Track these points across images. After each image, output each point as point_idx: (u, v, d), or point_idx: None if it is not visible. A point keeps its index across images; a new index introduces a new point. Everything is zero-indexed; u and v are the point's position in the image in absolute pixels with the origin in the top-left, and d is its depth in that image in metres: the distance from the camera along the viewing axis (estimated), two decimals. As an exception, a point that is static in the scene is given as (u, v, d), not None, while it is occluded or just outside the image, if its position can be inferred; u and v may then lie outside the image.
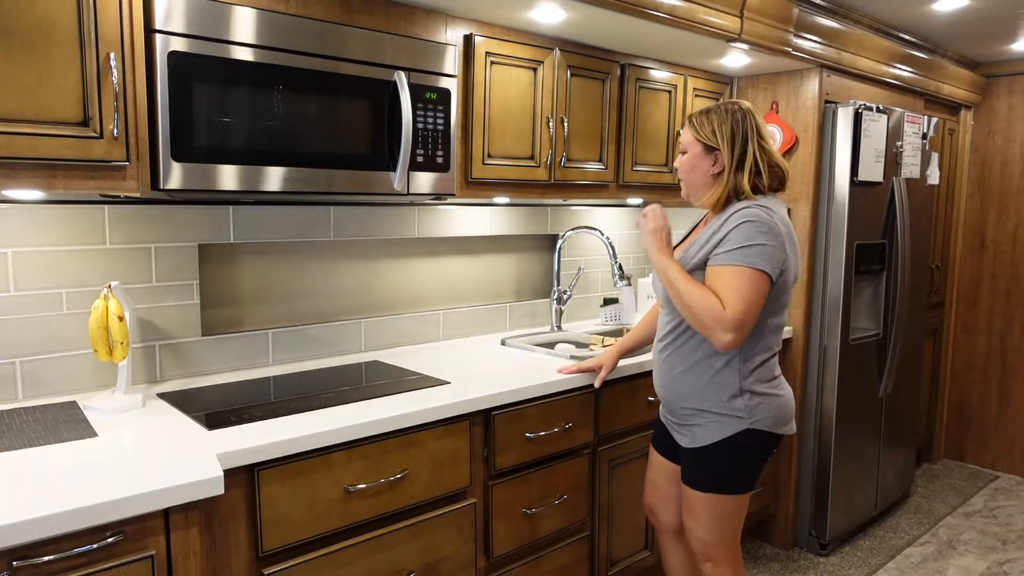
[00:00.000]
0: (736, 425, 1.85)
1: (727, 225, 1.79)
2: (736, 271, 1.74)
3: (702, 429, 1.89)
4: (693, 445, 1.91)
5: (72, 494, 1.27)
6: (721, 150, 1.85)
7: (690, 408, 1.91)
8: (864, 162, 3.01)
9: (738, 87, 3.25)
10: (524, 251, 3.00)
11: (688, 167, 1.92)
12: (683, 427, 1.94)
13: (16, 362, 1.83)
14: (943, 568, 3.05)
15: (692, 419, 1.91)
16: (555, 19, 2.30)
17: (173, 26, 1.61)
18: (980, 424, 4.23)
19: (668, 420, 2.02)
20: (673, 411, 1.97)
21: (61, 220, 1.87)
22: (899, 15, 3.11)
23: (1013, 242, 4.05)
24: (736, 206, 1.82)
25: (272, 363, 2.28)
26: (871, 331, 3.25)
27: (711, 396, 1.86)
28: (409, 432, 1.81)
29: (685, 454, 1.95)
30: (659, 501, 2.15)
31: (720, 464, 1.88)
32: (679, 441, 1.97)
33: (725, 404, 1.85)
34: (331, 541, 1.70)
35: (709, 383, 1.87)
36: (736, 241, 1.75)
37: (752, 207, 1.80)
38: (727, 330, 1.73)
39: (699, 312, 1.75)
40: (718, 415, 1.86)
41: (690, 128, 1.91)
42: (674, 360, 1.93)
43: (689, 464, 1.94)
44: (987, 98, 4.12)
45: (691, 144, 1.91)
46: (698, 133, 1.89)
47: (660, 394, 2.02)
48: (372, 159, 1.96)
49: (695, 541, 1.96)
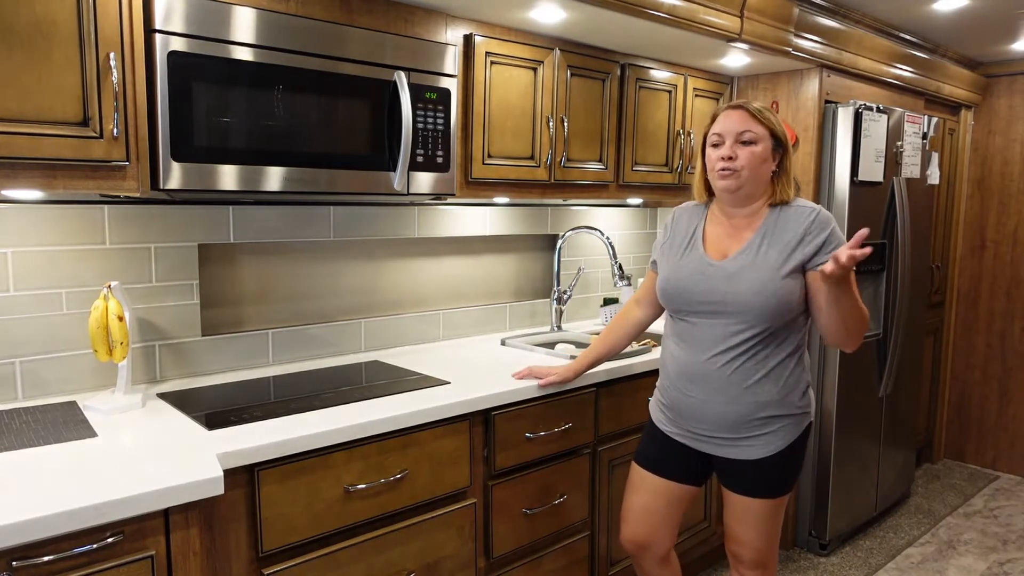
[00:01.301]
0: (804, 421, 1.83)
1: (817, 227, 1.77)
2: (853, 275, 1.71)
3: (775, 435, 1.79)
4: (767, 454, 1.79)
5: (72, 494, 1.27)
6: (788, 148, 1.84)
7: (764, 417, 1.78)
8: (864, 162, 3.01)
9: (738, 87, 3.25)
10: (524, 251, 3.00)
11: (760, 159, 1.79)
12: (749, 439, 1.80)
13: (16, 362, 1.83)
14: (943, 568, 3.05)
15: (764, 428, 1.79)
16: (555, 19, 2.30)
17: (173, 26, 1.61)
18: (980, 424, 4.23)
19: (711, 438, 1.84)
20: (735, 426, 1.80)
21: (61, 220, 1.87)
22: (899, 15, 3.11)
23: (1013, 242, 4.05)
24: (805, 206, 1.82)
25: (272, 363, 2.28)
26: (871, 331, 3.25)
27: (788, 398, 1.80)
28: (409, 432, 1.81)
29: (743, 466, 1.82)
30: (654, 532, 1.96)
31: (787, 466, 1.82)
32: (738, 455, 1.81)
33: (798, 403, 1.81)
34: (331, 541, 1.70)
35: (785, 385, 1.79)
36: (840, 244, 1.75)
37: (821, 208, 1.82)
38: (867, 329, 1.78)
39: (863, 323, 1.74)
40: (792, 416, 1.80)
41: (759, 119, 1.79)
42: (748, 370, 1.77)
43: (752, 475, 1.82)
44: (987, 98, 4.12)
45: (765, 137, 1.79)
46: (774, 126, 1.81)
47: (716, 412, 1.81)
48: (372, 159, 1.96)
49: (749, 551, 1.87)
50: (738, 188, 1.80)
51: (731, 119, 1.81)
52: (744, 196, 1.82)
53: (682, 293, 1.84)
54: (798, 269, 1.75)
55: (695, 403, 1.83)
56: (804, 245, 1.76)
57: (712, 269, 1.81)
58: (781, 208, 1.83)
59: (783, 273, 1.74)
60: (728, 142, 1.80)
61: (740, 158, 1.78)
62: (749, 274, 1.76)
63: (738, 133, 1.79)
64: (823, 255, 1.74)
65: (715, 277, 1.79)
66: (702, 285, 1.80)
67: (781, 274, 1.74)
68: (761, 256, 1.77)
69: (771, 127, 1.80)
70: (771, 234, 1.79)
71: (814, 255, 1.75)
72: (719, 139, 1.82)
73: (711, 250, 1.85)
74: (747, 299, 1.74)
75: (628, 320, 2.12)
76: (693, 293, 1.82)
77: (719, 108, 1.88)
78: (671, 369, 1.90)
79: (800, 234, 1.77)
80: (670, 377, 1.90)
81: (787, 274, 1.74)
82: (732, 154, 1.79)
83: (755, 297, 1.73)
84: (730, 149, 1.79)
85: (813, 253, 1.75)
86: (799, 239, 1.76)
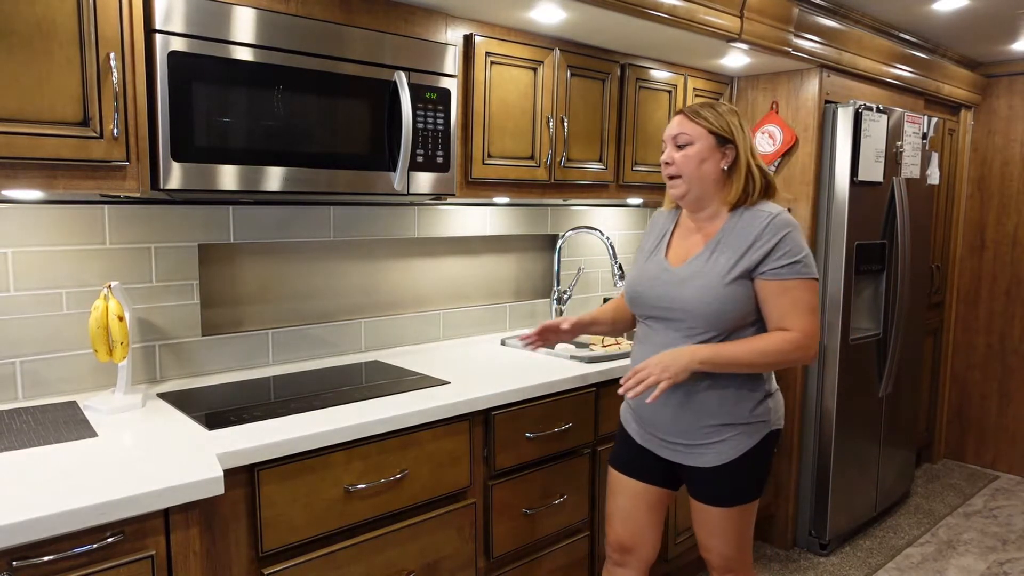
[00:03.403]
0: (762, 430, 1.79)
1: (769, 233, 1.70)
2: (802, 285, 1.70)
3: (727, 444, 1.76)
4: (719, 462, 1.77)
5: (72, 494, 1.27)
6: (737, 142, 1.76)
7: (714, 425, 1.76)
8: (864, 162, 3.01)
9: (738, 87, 3.25)
10: (524, 251, 3.00)
11: (696, 161, 1.75)
12: (701, 446, 1.78)
13: (16, 362, 1.83)
14: (943, 568, 3.05)
15: (715, 436, 1.77)
16: (555, 19, 2.30)
17: (173, 26, 1.61)
18: (980, 424, 4.23)
19: (669, 443, 1.83)
20: (686, 432, 1.79)
21: (61, 220, 1.87)
22: (899, 15, 3.11)
23: (1013, 242, 4.05)
24: (765, 210, 1.74)
25: (272, 363, 2.28)
26: (871, 331, 3.25)
27: (738, 408, 1.76)
28: (409, 432, 1.81)
29: (702, 474, 1.80)
30: (638, 535, 1.92)
31: (746, 474, 1.79)
32: (694, 463, 1.80)
33: (752, 412, 1.77)
34: (331, 541, 1.70)
35: (736, 393, 1.76)
36: (793, 252, 1.69)
37: (783, 212, 1.74)
38: (811, 348, 1.71)
39: (783, 358, 1.70)
40: (745, 425, 1.76)
41: (695, 120, 1.76)
42: (697, 377, 1.74)
43: (709, 483, 1.80)
44: (987, 98, 4.12)
45: (701, 136, 1.75)
46: (711, 123, 1.75)
47: (664, 418, 1.81)
48: (372, 159, 1.96)
49: (717, 559, 1.86)
50: (684, 193, 1.79)
51: (670, 124, 1.82)
52: (695, 200, 1.80)
53: (639, 297, 1.85)
54: (745, 276, 1.71)
55: (652, 407, 1.83)
56: (752, 252, 1.71)
57: (667, 274, 1.81)
58: (743, 211, 1.77)
59: (728, 280, 1.71)
60: (667, 148, 1.81)
61: (676, 162, 1.78)
62: (696, 280, 1.74)
63: (673, 137, 1.79)
64: (770, 262, 1.69)
65: (668, 282, 1.79)
66: (656, 290, 1.81)
67: (726, 281, 1.71)
68: (711, 262, 1.74)
69: (707, 126, 1.75)
70: (726, 239, 1.75)
71: (760, 262, 1.70)
72: (663, 145, 1.83)
73: (673, 255, 1.85)
74: (692, 305, 1.73)
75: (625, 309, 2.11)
76: (648, 297, 1.82)
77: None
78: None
79: (751, 239, 1.72)
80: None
81: (732, 281, 1.71)
82: (668, 159, 1.79)
83: (699, 304, 1.72)
84: (667, 154, 1.80)
85: (759, 260, 1.70)
86: (749, 245, 1.72)
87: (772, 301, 1.71)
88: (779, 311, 1.71)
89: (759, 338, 1.72)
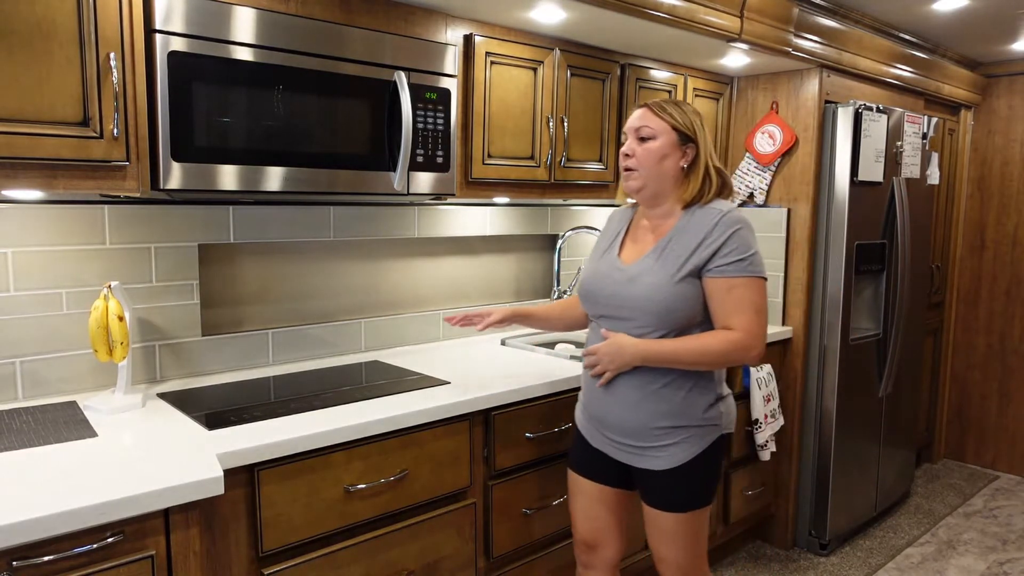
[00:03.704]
0: (713, 433, 1.77)
1: (718, 231, 1.69)
2: (748, 283, 1.68)
3: (679, 447, 1.74)
4: (670, 466, 1.75)
5: (72, 494, 1.27)
6: (698, 142, 1.74)
7: (664, 427, 1.74)
8: (864, 162, 3.01)
9: (738, 87, 3.25)
10: (524, 251, 3.00)
11: (657, 156, 1.73)
12: (652, 449, 1.76)
13: (16, 362, 1.83)
14: (943, 568, 3.05)
15: (665, 439, 1.74)
16: (555, 19, 2.30)
17: (173, 26, 1.61)
18: (980, 424, 4.23)
19: (621, 445, 1.80)
20: (636, 434, 1.77)
21: (61, 220, 1.87)
22: (899, 15, 3.11)
23: (1013, 242, 4.05)
24: (716, 208, 1.73)
25: (272, 363, 2.28)
26: (871, 331, 3.25)
27: (690, 410, 1.74)
28: (409, 432, 1.81)
29: (653, 477, 1.77)
30: (600, 534, 1.92)
31: (698, 479, 1.77)
32: (644, 465, 1.77)
33: (703, 415, 1.75)
34: (331, 541, 1.70)
35: (687, 395, 1.74)
36: (740, 251, 1.68)
37: (734, 210, 1.73)
38: (753, 348, 1.69)
39: (723, 358, 1.69)
40: (696, 427, 1.75)
41: (660, 114, 1.74)
42: (648, 377, 1.74)
43: (661, 487, 1.77)
44: (987, 98, 4.12)
45: (664, 131, 1.73)
46: (675, 120, 1.74)
47: (616, 418, 1.79)
48: (372, 159, 1.96)
49: (670, 568, 1.82)
50: (640, 188, 1.77)
51: (633, 117, 1.79)
52: (650, 196, 1.78)
53: (591, 295, 1.84)
54: (694, 274, 1.70)
55: (603, 407, 1.82)
56: (702, 249, 1.69)
57: (618, 273, 1.79)
58: (696, 208, 1.75)
59: (678, 278, 1.69)
60: (628, 140, 1.78)
61: (636, 155, 1.75)
62: (646, 278, 1.72)
63: (636, 129, 1.76)
64: (719, 259, 1.68)
65: (619, 280, 1.77)
66: (607, 288, 1.79)
67: (675, 279, 1.69)
68: (661, 260, 1.73)
69: (671, 122, 1.73)
70: (678, 237, 1.73)
71: (708, 260, 1.69)
72: (624, 138, 1.81)
73: (626, 253, 1.83)
74: (641, 304, 1.72)
75: (573, 308, 2.12)
76: (599, 296, 1.81)
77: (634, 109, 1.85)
78: (587, 372, 1.87)
79: (701, 237, 1.70)
80: (586, 379, 1.88)
81: (681, 279, 1.69)
82: (629, 151, 1.77)
83: (648, 302, 1.71)
84: (628, 146, 1.77)
85: (708, 258, 1.69)
86: (699, 242, 1.70)
87: (718, 299, 1.70)
88: (724, 309, 1.69)
89: (701, 336, 1.70)
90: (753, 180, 3.17)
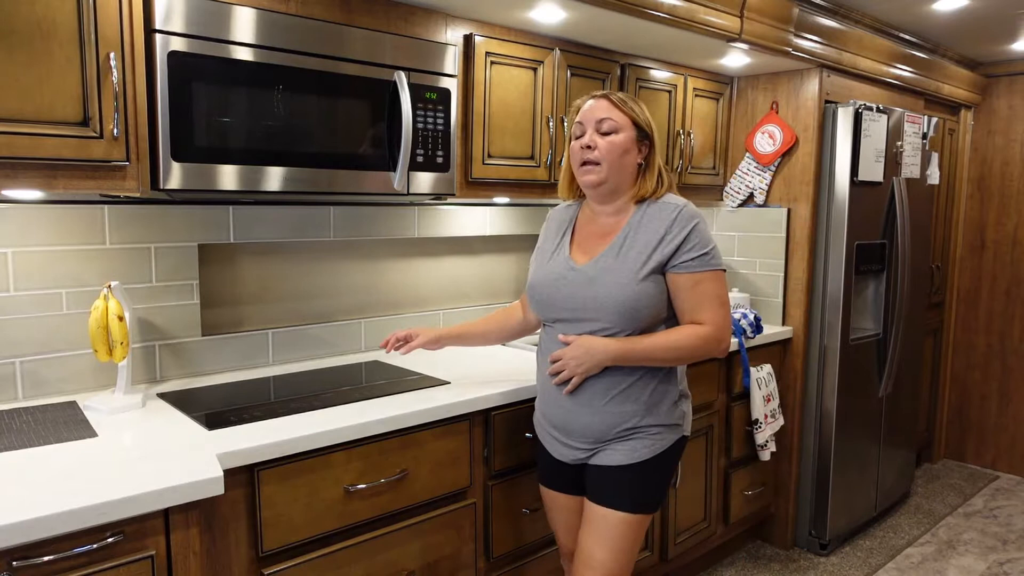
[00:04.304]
0: (675, 434, 1.75)
1: (678, 226, 1.67)
2: (713, 276, 1.68)
3: (641, 442, 1.71)
4: (629, 461, 1.70)
5: (72, 494, 1.27)
6: (653, 139, 1.74)
7: (629, 427, 1.71)
8: (864, 162, 3.01)
9: (738, 87, 3.25)
10: (524, 251, 3.00)
11: (621, 151, 1.69)
12: (612, 442, 1.72)
13: (16, 362, 1.83)
14: (943, 568, 3.05)
15: (628, 436, 1.71)
16: (555, 19, 2.30)
17: (173, 26, 1.61)
18: (980, 424, 4.23)
19: (580, 448, 1.76)
20: (601, 436, 1.72)
21: (61, 220, 1.87)
22: (899, 15, 3.11)
23: (1013, 242, 4.05)
24: (670, 202, 1.72)
25: (272, 363, 2.28)
26: (871, 331, 3.25)
27: (656, 407, 1.72)
28: (409, 432, 1.81)
29: (608, 473, 1.72)
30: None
31: (651, 482, 1.72)
32: (600, 461, 1.72)
33: (667, 414, 1.73)
34: (331, 541, 1.70)
35: (653, 393, 1.71)
36: (702, 244, 1.67)
37: (689, 204, 1.72)
38: (723, 340, 1.70)
39: (695, 352, 1.69)
40: (660, 427, 1.72)
41: (622, 108, 1.71)
42: (612, 380, 1.70)
43: (610, 483, 1.71)
44: (987, 98, 4.12)
45: (627, 126, 1.70)
46: (637, 115, 1.71)
47: (581, 424, 1.73)
48: (372, 159, 1.96)
49: (593, 571, 1.72)
50: (601, 182, 1.71)
51: (592, 108, 1.73)
52: (609, 191, 1.74)
53: (546, 299, 1.77)
54: (658, 271, 1.67)
55: (566, 414, 1.76)
56: (664, 245, 1.67)
57: (574, 273, 1.73)
58: (648, 204, 1.73)
59: (642, 275, 1.66)
60: (588, 131, 1.72)
61: (599, 148, 1.69)
62: (607, 277, 1.68)
63: (598, 121, 1.70)
64: (682, 255, 1.66)
65: (576, 282, 1.72)
66: (564, 290, 1.73)
67: (639, 277, 1.65)
68: (621, 258, 1.68)
69: (633, 116, 1.71)
70: (634, 233, 1.70)
71: (672, 255, 1.67)
72: (580, 128, 1.74)
73: (577, 252, 1.78)
74: (605, 304, 1.66)
75: (510, 318, 2.07)
76: (555, 299, 1.75)
77: (582, 100, 1.78)
78: (543, 379, 1.82)
79: (661, 232, 1.68)
80: (543, 387, 1.83)
81: (646, 276, 1.66)
82: (591, 143, 1.70)
83: (612, 302, 1.66)
84: (590, 138, 1.71)
85: (672, 253, 1.66)
86: (660, 238, 1.67)
87: (683, 295, 1.68)
88: (690, 304, 1.69)
89: (672, 332, 1.69)
90: (753, 180, 3.17)
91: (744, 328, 2.84)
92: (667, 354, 1.68)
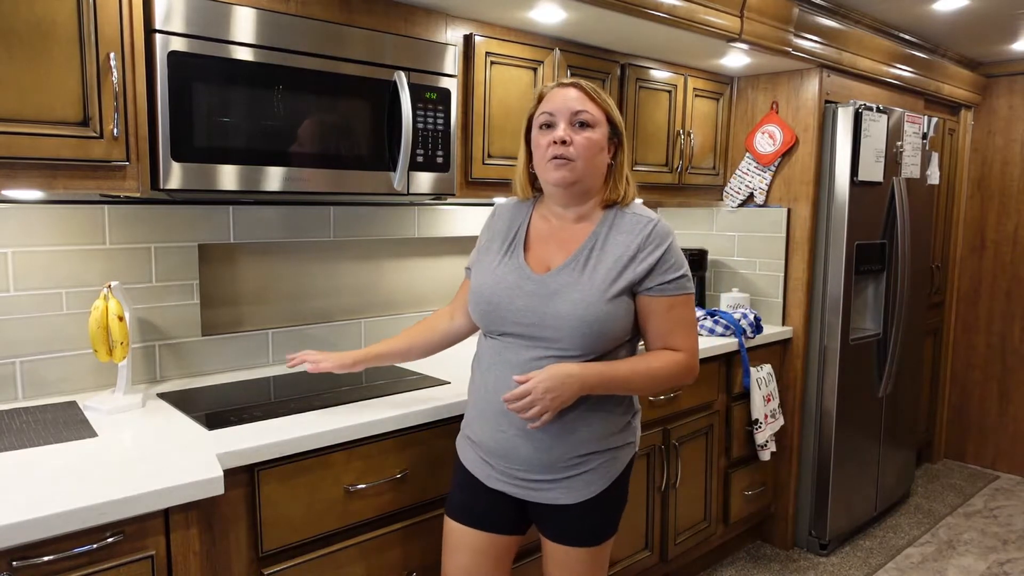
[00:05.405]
0: (628, 452, 1.60)
1: (652, 244, 1.51)
2: (686, 300, 1.55)
3: (595, 473, 1.53)
4: (587, 496, 1.53)
5: (72, 494, 1.27)
6: (623, 138, 1.58)
7: (583, 455, 1.52)
8: (864, 162, 3.01)
9: (738, 87, 3.25)
10: (524, 251, 2.99)
11: (597, 148, 1.51)
12: (566, 480, 1.53)
13: (16, 362, 1.83)
14: (943, 568, 3.05)
15: (582, 466, 1.52)
16: (555, 19, 2.30)
17: (173, 26, 1.61)
18: (980, 424, 4.23)
19: (527, 481, 1.55)
20: (551, 467, 1.52)
21: (61, 220, 1.87)
22: (899, 15, 3.11)
23: (1013, 242, 4.05)
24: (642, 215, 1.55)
25: (272, 363, 2.28)
26: (871, 331, 3.25)
27: (608, 429, 1.54)
28: (409, 432, 1.81)
29: (563, 511, 1.54)
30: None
31: (613, 506, 1.58)
32: (556, 500, 1.53)
33: (619, 434, 1.57)
34: (331, 541, 1.70)
35: (609, 414, 1.54)
36: (677, 266, 1.53)
37: (661, 218, 1.56)
38: (695, 368, 1.58)
39: (673, 382, 1.56)
40: (614, 450, 1.56)
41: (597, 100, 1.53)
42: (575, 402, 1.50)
43: (572, 520, 1.55)
44: (987, 98, 4.12)
45: (602, 121, 1.53)
46: (611, 110, 1.55)
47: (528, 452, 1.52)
48: (372, 159, 1.96)
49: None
50: (575, 181, 1.51)
51: (566, 97, 1.51)
52: (579, 192, 1.54)
53: (495, 309, 1.54)
54: (627, 291, 1.49)
55: (510, 442, 1.53)
56: (636, 263, 1.50)
57: (531, 284, 1.52)
58: (617, 212, 1.56)
59: (610, 294, 1.47)
60: (562, 124, 1.50)
61: (576, 144, 1.49)
62: (572, 294, 1.48)
63: (573, 113, 1.50)
64: (657, 277, 1.50)
65: (534, 294, 1.51)
66: (519, 302, 1.52)
67: (607, 296, 1.47)
68: (588, 272, 1.50)
69: (608, 111, 1.54)
70: (602, 245, 1.52)
71: (646, 276, 1.50)
72: (550, 119, 1.52)
73: (533, 259, 1.57)
74: (567, 322, 1.46)
75: (434, 330, 1.82)
76: (507, 310, 1.52)
77: (546, 87, 1.57)
78: (480, 398, 1.60)
79: (633, 249, 1.50)
80: (479, 407, 1.60)
81: (614, 296, 1.48)
82: (566, 137, 1.49)
83: (576, 321, 1.46)
84: (565, 132, 1.49)
85: (645, 274, 1.50)
86: (632, 255, 1.50)
87: (656, 319, 1.53)
88: (664, 329, 1.54)
89: (648, 358, 1.53)
90: (753, 180, 3.17)
91: (744, 328, 2.84)
92: (646, 383, 1.52)
